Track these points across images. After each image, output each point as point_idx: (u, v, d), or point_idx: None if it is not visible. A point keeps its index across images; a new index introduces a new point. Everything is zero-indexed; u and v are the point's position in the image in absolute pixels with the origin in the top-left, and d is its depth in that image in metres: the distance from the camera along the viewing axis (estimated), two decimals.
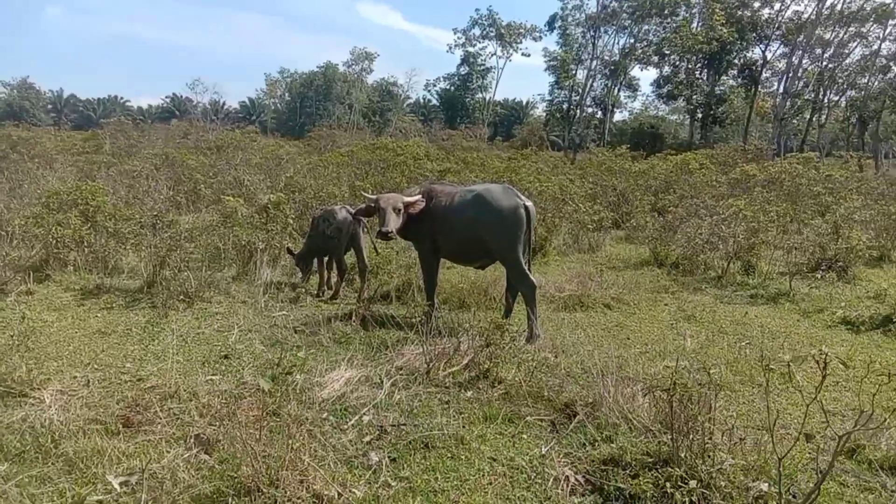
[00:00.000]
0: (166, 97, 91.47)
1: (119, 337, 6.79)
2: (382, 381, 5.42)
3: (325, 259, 9.40)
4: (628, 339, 7.59)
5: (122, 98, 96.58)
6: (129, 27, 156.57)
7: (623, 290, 9.64)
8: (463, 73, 73.55)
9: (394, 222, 7.19)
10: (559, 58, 61.99)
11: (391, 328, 7.25)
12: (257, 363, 5.96)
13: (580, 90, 62.06)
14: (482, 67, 73.06)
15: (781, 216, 11.80)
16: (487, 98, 74.60)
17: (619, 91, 62.41)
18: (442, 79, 76.45)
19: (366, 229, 9.06)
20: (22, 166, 17.27)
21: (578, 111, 61.39)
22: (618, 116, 67.15)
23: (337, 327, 7.23)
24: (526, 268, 7.27)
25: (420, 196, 7.56)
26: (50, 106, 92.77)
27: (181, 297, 8.09)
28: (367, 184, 12.16)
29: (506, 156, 36.48)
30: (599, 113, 63.67)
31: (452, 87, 75.25)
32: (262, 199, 11.44)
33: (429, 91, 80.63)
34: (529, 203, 7.21)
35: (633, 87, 64.36)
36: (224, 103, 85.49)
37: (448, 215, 7.38)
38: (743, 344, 7.41)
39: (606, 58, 60.91)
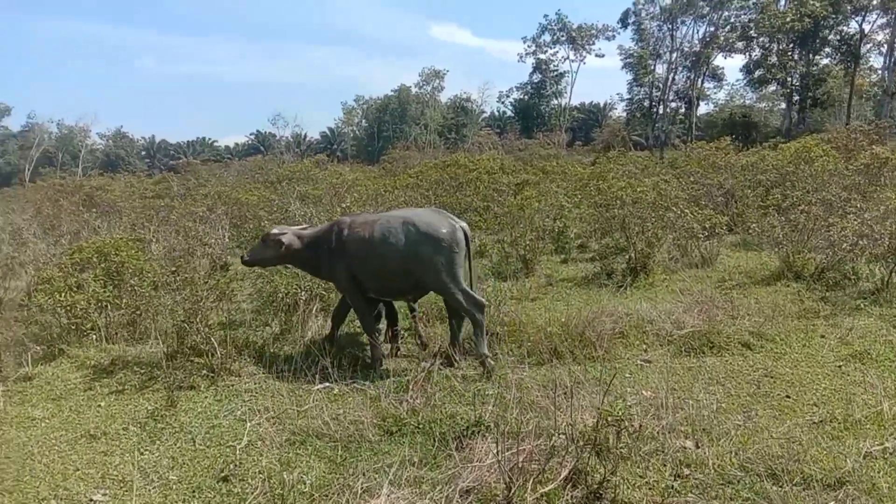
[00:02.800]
0: (251, 134, 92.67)
1: (109, 441, 5.23)
2: None
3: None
4: (787, 398, 5.49)
5: (209, 139, 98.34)
6: (212, 70, 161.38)
7: (761, 318, 7.49)
8: (536, 81, 71.42)
9: (255, 252, 7.21)
10: (635, 54, 59.20)
11: (458, 404, 5.45)
12: (266, 487, 4.22)
13: (661, 85, 59.01)
14: (555, 73, 70.77)
15: None
16: (563, 104, 72.12)
17: (702, 82, 58.87)
18: (515, 89, 74.56)
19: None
20: (78, 217, 16.43)
21: (661, 107, 58.31)
22: (702, 109, 63.29)
23: (388, 407, 5.46)
24: (472, 291, 6.60)
25: (286, 231, 7.13)
26: (144, 152, 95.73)
27: (203, 371, 6.53)
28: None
29: (587, 161, 34.28)
30: (683, 107, 60.33)
31: (526, 97, 73.16)
32: None
33: (502, 102, 78.87)
34: (464, 224, 6.68)
35: (717, 76, 60.57)
36: (305, 135, 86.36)
37: (368, 248, 6.59)
38: None
39: (686, 49, 57.70)
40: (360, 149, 78.03)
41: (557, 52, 68.26)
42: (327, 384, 6.25)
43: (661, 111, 59.47)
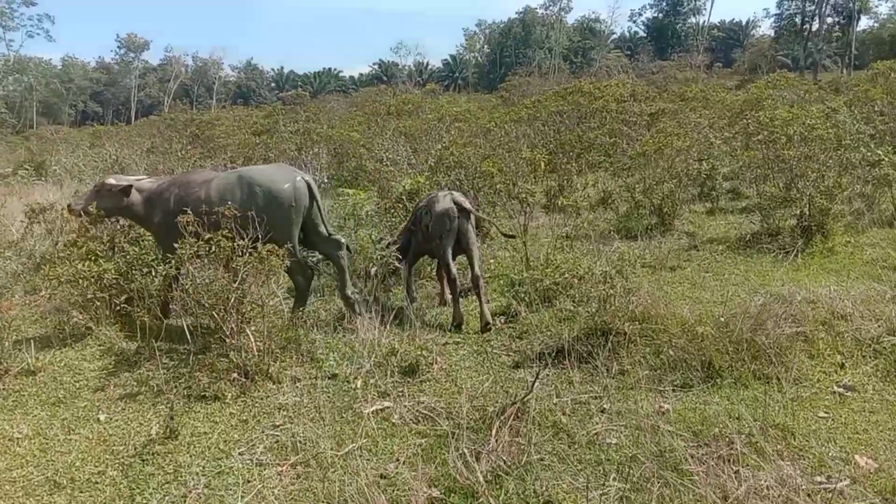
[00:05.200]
0: (374, 64, 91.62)
1: (73, 496, 3.80)
2: None
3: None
4: None
5: (335, 69, 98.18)
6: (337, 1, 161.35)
7: None
8: None
9: (87, 202, 6.56)
10: None
11: (563, 462, 3.64)
12: None
13: None
14: None
15: None
16: (701, 22, 66.32)
17: None
18: (648, 6, 69.29)
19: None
20: (182, 154, 15.43)
21: (816, 22, 51.86)
22: (861, 25, 55.61)
23: (457, 464, 3.70)
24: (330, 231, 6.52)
25: (124, 183, 6.44)
26: (273, 84, 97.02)
27: (234, 375, 5.03)
28: (541, 153, 8.41)
29: (731, 84, 30.60)
30: (839, 24, 53.38)
31: (661, 14, 67.91)
32: (396, 186, 8.19)
33: (634, 22, 73.82)
34: (308, 177, 6.35)
35: None
36: (427, 63, 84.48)
37: (207, 208, 5.94)
38: None
39: None
40: (481, 76, 75.53)
41: None
42: (385, 404, 4.60)
43: (814, 28, 52.96)
